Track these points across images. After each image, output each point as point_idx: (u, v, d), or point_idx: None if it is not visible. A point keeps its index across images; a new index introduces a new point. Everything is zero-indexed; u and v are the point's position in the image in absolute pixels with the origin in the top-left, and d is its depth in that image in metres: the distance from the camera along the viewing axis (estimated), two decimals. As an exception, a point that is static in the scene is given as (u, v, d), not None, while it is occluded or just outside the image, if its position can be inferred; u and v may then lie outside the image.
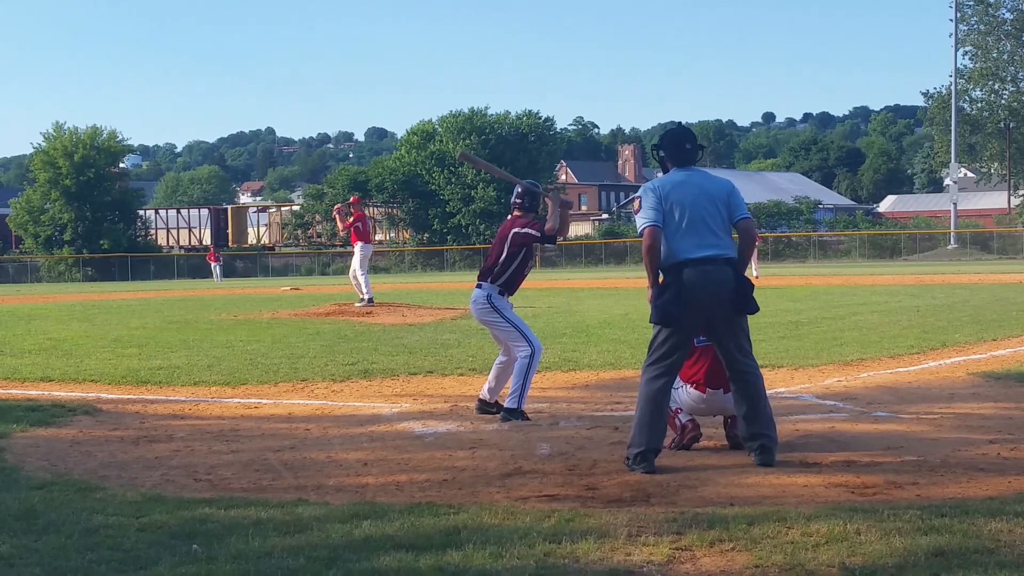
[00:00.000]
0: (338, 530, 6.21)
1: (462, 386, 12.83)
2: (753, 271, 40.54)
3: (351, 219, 25.57)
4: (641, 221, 8.06)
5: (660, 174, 8.43)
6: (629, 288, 37.92)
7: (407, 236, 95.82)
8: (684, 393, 8.64)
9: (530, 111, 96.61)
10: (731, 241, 8.17)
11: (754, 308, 8.11)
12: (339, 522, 6.38)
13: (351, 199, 26.74)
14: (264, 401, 12.03)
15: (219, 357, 16.17)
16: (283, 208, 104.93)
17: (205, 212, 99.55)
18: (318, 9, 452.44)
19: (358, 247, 25.56)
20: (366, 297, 25.17)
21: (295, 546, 5.90)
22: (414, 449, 9.04)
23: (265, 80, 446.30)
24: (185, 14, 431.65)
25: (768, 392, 10.28)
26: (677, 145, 8.31)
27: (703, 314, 8.00)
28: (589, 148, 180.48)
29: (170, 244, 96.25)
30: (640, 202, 8.09)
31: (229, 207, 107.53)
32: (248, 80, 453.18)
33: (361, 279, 25.42)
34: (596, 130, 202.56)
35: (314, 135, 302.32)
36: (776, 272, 52.86)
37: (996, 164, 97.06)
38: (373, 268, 54.66)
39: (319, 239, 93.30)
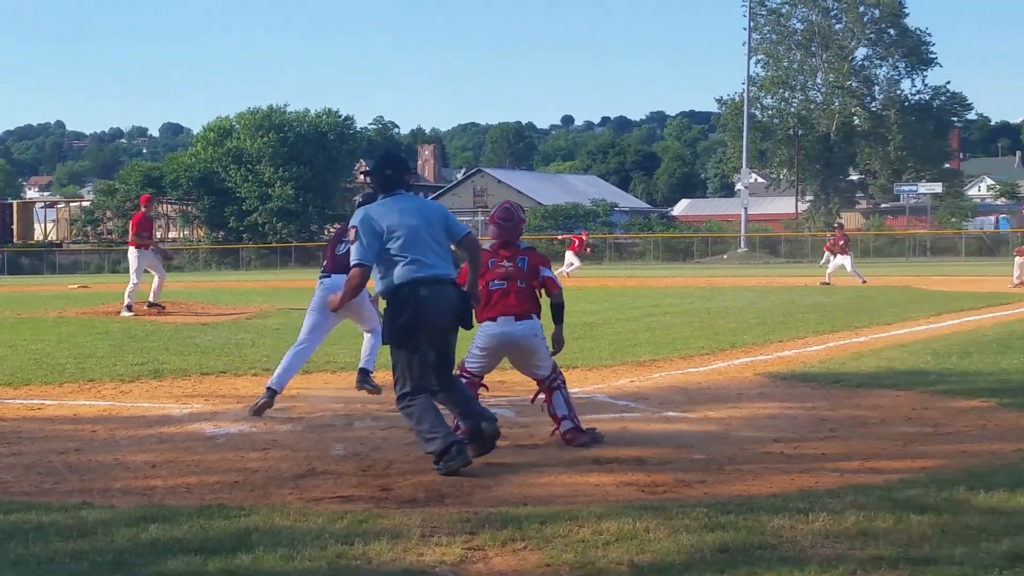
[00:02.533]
0: (124, 534, 6.05)
1: (256, 387, 12.61)
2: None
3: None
4: (354, 257, 8.14)
5: (459, 175, 8.47)
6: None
7: (202, 234, 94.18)
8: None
9: (330, 109, 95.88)
10: (451, 261, 8.29)
11: (469, 326, 8.36)
12: (125, 526, 6.21)
13: (141, 199, 25.66)
14: (48, 402, 11.65)
15: (1, 356, 15.63)
16: (72, 204, 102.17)
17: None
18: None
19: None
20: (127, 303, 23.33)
21: (79, 551, 5.73)
22: (205, 450, 8.88)
23: (54, 72, 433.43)
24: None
25: (562, 392, 10.29)
26: (379, 172, 8.43)
27: (434, 332, 8.10)
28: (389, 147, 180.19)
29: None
30: (356, 232, 8.10)
31: (14, 202, 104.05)
32: (36, 72, 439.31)
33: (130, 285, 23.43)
34: (396, 130, 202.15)
35: (106, 130, 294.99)
36: (572, 273, 53.46)
37: (785, 170, 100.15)
38: (166, 266, 53.47)
39: (110, 236, 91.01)
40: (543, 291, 9.34)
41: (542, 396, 9.24)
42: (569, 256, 45.32)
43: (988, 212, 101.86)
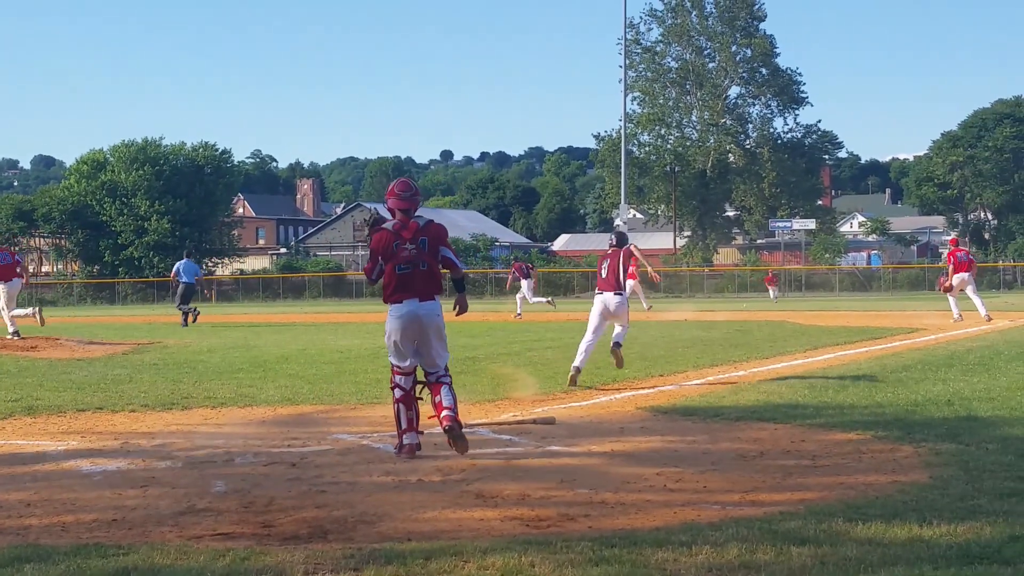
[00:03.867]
0: (-2, 575, 5.90)
1: (133, 422, 12.44)
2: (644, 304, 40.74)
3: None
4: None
5: (339, 209, 8.53)
6: (307, 323, 37.69)
7: (76, 268, 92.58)
8: None
9: (206, 143, 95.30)
10: None
11: None
12: (-1, 566, 6.06)
13: None
14: (-82, 440, 11.35)
15: None
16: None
17: None
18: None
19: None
20: (12, 330, 24.55)
21: (-50, 594, 5.58)
22: (82, 488, 8.70)
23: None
24: None
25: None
26: None
27: None
28: (267, 181, 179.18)
29: None
30: None
31: None
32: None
33: (6, 316, 25.21)
34: (275, 164, 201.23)
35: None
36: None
37: (663, 206, 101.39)
38: (39, 301, 52.84)
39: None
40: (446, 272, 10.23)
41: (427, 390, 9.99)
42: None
43: (860, 248, 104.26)
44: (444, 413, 9.77)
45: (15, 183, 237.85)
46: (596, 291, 16.08)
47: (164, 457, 10.15)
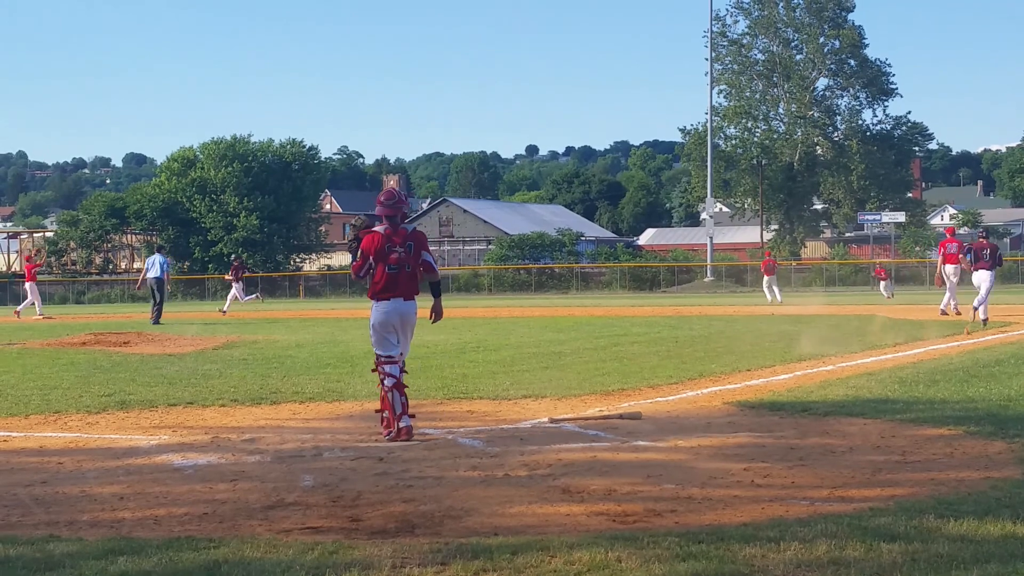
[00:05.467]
0: (92, 567, 6.00)
1: (223, 417, 12.59)
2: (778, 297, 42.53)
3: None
4: None
5: (425, 205, 8.68)
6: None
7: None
8: None
9: (294, 139, 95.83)
10: None
11: None
12: (93, 558, 6.16)
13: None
14: (14, 434, 11.56)
15: (-34, 388, 15.50)
16: (35, 234, 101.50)
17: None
18: (72, 29, 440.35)
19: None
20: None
21: (46, 585, 5.67)
22: (173, 482, 8.82)
23: (17, 102, 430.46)
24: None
25: (531, 422, 10.35)
26: None
27: None
28: (354, 177, 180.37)
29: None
30: None
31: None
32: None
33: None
34: (361, 160, 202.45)
35: (69, 160, 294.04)
36: (539, 303, 53.58)
37: (750, 199, 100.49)
38: (131, 296, 53.96)
39: (74, 267, 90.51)
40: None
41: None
42: None
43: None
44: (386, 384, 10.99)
45: (107, 181, 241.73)
46: None
47: (253, 452, 10.26)
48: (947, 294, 30.17)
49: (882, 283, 53.25)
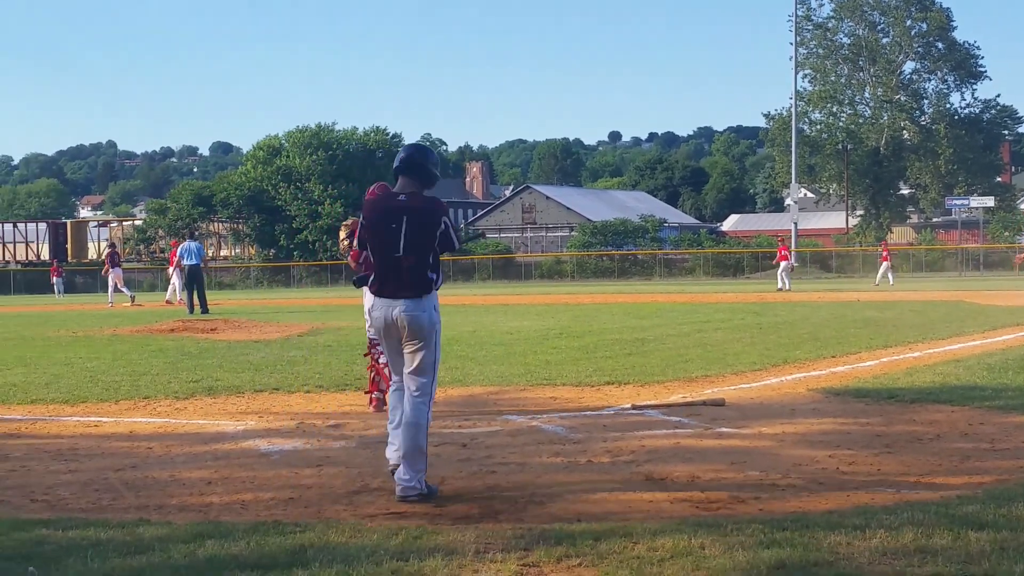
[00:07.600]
0: (181, 550, 6.08)
1: (308, 403, 12.71)
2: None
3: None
4: None
5: (507, 192, 8.60)
6: (477, 305, 37.97)
7: (252, 252, 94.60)
8: None
9: (378, 127, 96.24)
10: None
11: None
12: (182, 542, 6.25)
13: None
14: (104, 419, 11.76)
15: (57, 375, 15.78)
16: (125, 223, 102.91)
17: (43, 226, 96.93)
18: (161, 20, 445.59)
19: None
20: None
21: (136, 567, 5.77)
22: (259, 467, 8.92)
23: (106, 92, 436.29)
24: (17, 21, 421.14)
25: (614, 408, 10.35)
26: None
27: None
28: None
29: (6, 259, 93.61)
30: None
31: (68, 221, 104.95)
32: (88, 92, 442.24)
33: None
34: (444, 147, 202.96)
35: (157, 149, 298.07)
36: (622, 289, 53.46)
37: (835, 185, 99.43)
38: (218, 284, 54.68)
39: (162, 254, 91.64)
40: None
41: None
42: None
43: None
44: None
45: (195, 169, 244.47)
46: None
47: (338, 437, 10.36)
48: None
49: None
